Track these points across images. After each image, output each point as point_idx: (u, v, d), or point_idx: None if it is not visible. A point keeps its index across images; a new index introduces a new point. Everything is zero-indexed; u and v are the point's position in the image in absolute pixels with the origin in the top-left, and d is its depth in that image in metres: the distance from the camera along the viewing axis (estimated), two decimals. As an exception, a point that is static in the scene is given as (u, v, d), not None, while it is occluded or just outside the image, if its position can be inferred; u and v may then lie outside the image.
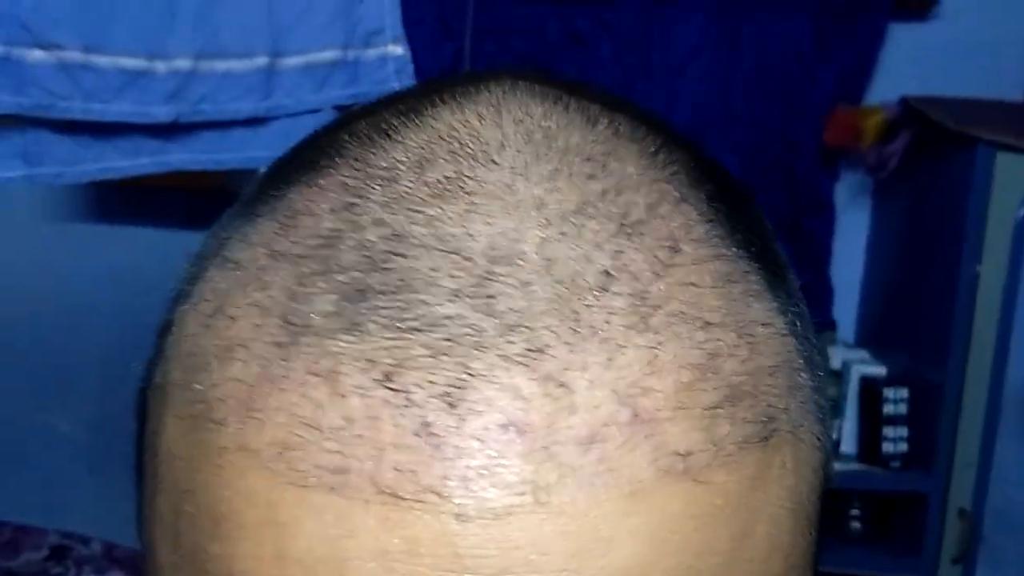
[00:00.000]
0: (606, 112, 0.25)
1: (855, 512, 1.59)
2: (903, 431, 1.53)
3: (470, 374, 0.19)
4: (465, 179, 0.22)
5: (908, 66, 1.62)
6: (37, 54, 1.31)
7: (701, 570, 0.20)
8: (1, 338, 1.83)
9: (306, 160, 0.24)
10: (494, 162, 0.22)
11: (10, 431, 1.87)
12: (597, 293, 0.20)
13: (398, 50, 1.44)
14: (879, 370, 1.58)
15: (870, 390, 1.56)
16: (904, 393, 1.53)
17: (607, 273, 0.21)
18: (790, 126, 1.66)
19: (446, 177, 0.22)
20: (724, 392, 0.21)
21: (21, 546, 1.76)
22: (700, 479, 0.20)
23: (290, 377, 0.20)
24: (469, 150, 0.23)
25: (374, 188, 0.22)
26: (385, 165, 0.23)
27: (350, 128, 0.24)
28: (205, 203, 0.53)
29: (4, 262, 1.83)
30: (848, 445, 1.59)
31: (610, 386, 0.20)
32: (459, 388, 0.19)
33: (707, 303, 0.21)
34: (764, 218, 0.26)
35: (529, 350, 0.19)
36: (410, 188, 0.22)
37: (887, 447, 1.53)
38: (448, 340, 0.19)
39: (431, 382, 0.19)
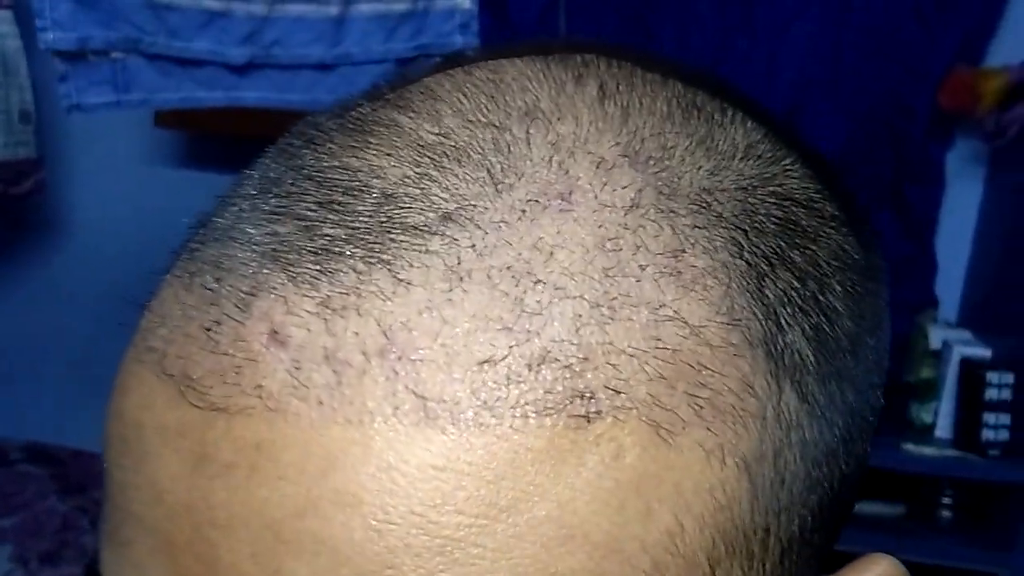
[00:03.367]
0: (637, 85, 0.23)
1: (946, 500, 1.51)
2: (1005, 418, 1.43)
3: (266, 285, 0.20)
4: (374, 118, 0.23)
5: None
6: (127, -10, 1.36)
7: (436, 522, 0.19)
8: (95, 265, 1.93)
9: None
10: (411, 108, 0.23)
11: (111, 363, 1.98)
12: (417, 231, 0.20)
13: (466, 3, 1.43)
14: (983, 352, 1.48)
15: (972, 373, 1.46)
16: (1009, 378, 1.43)
17: (446, 216, 0.20)
18: (904, 88, 1.55)
19: (358, 117, 0.23)
20: (524, 354, 0.19)
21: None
22: (449, 431, 0.19)
23: (177, 275, 0.23)
24: (404, 97, 0.23)
25: (310, 131, 0.24)
26: (351, 111, 0.24)
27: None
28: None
29: (104, 199, 1.92)
30: (944, 430, 1.51)
31: (376, 317, 0.19)
32: (252, 296, 0.20)
33: (561, 265, 0.20)
34: (818, 239, 0.23)
35: (320, 271, 0.20)
36: (331, 126, 0.23)
37: (987, 434, 1.44)
38: (263, 255, 0.21)
39: (236, 287, 0.21)
